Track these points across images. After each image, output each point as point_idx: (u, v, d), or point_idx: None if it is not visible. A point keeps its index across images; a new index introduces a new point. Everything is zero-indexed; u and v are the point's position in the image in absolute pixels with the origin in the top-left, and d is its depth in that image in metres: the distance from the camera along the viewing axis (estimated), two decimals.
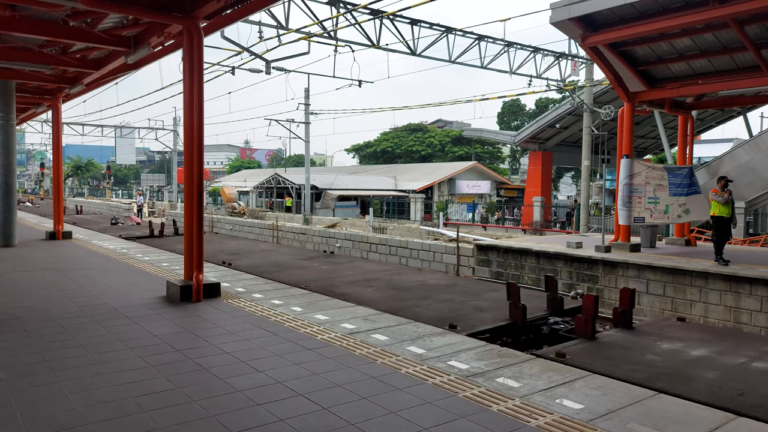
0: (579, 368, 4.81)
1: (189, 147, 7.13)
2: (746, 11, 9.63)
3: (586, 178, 25.35)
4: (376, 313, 6.61)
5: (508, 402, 3.93)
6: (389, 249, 17.38)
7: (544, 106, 53.98)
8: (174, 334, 5.56)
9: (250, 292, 7.59)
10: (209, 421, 3.57)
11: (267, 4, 7.53)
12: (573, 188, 55.93)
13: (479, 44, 19.91)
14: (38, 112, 17.78)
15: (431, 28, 18.57)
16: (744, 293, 9.63)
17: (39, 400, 3.86)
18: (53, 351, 4.93)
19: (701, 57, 12.10)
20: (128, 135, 49.14)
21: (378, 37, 17.59)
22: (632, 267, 11.13)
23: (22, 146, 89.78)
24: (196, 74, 7.05)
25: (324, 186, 39.87)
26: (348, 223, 31.23)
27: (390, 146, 60.54)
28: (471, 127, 54.54)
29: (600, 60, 12.56)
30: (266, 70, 19.90)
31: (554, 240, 15.66)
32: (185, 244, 7.24)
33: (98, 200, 53.94)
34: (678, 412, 3.82)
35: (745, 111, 24.14)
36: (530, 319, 7.76)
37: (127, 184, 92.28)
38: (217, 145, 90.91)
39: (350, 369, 4.56)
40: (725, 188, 11.02)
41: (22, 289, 7.63)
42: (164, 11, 7.06)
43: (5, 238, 12.14)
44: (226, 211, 39.21)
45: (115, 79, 12.72)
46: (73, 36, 8.52)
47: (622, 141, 13.02)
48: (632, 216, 12.46)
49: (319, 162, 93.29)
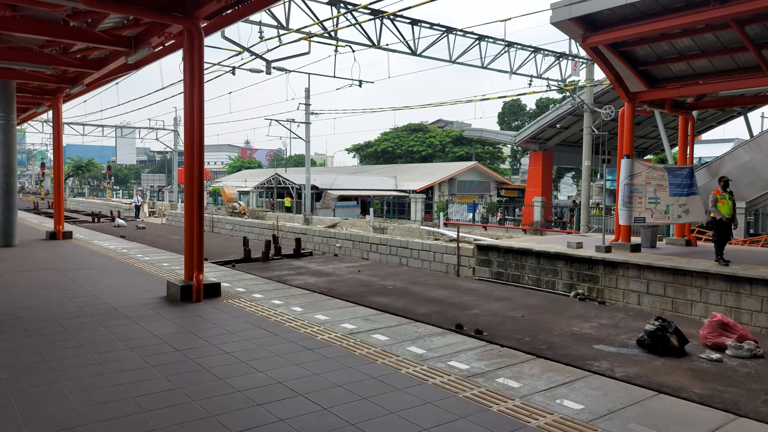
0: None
1: (189, 147, 7.12)
2: (747, 11, 9.63)
3: (587, 179, 25.34)
4: (377, 313, 6.61)
5: (508, 402, 3.92)
6: (389, 249, 17.37)
7: (545, 106, 53.98)
8: (174, 334, 5.56)
9: (250, 292, 7.59)
10: (209, 421, 3.57)
11: (267, 4, 7.53)
12: (573, 188, 55.91)
13: (480, 44, 19.91)
14: (39, 112, 17.78)
15: (432, 28, 18.56)
16: (744, 293, 9.62)
17: (39, 400, 3.86)
18: (53, 351, 4.93)
19: (702, 57, 12.09)
20: (129, 135, 49.16)
21: (378, 37, 17.59)
22: (633, 267, 11.13)
23: (22, 146, 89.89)
24: (196, 74, 7.05)
25: (324, 186, 39.87)
26: (348, 223, 31.22)
27: (390, 146, 60.53)
28: (471, 127, 54.52)
29: (600, 60, 12.56)
30: (267, 70, 19.90)
31: (555, 240, 15.65)
32: (185, 244, 7.24)
33: (99, 200, 53.98)
34: (678, 412, 3.81)
35: (746, 111, 24.11)
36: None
37: (127, 184, 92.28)
38: (217, 145, 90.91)
39: (350, 369, 4.56)
40: (726, 189, 10.99)
41: (22, 289, 7.63)
42: (165, 11, 7.05)
43: (6, 238, 12.14)
44: (226, 211, 39.21)
45: (115, 79, 12.72)
46: (74, 36, 8.52)
47: (623, 141, 13.01)
48: (633, 216, 12.45)
49: (320, 162, 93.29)
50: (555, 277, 12.43)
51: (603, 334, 8.18)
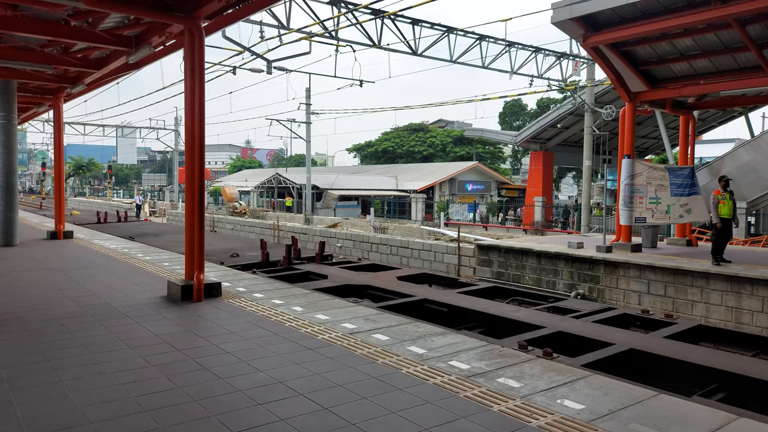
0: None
1: (190, 147, 7.13)
2: (748, 11, 9.62)
3: (588, 179, 25.34)
4: (377, 312, 6.61)
5: (509, 402, 3.92)
6: (390, 249, 17.38)
7: (546, 106, 53.96)
8: (175, 333, 5.56)
9: (251, 291, 7.59)
10: (210, 421, 3.57)
11: (268, 4, 7.54)
12: (574, 188, 55.90)
13: (480, 44, 19.90)
14: (40, 112, 17.79)
15: (432, 28, 18.56)
16: (745, 294, 9.62)
17: (40, 400, 3.86)
18: (54, 350, 4.94)
19: (703, 57, 12.09)
20: (130, 135, 49.18)
21: (379, 37, 17.60)
22: (633, 267, 11.12)
23: (23, 146, 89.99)
24: (197, 74, 7.05)
25: (325, 186, 39.87)
26: (349, 222, 31.22)
27: (391, 146, 60.53)
28: (472, 127, 54.55)
29: (601, 60, 12.55)
30: (267, 69, 19.90)
31: (555, 240, 15.65)
32: (186, 244, 7.24)
33: (99, 200, 54.01)
34: (679, 412, 3.81)
35: (747, 111, 24.09)
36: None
37: (128, 183, 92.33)
38: (218, 145, 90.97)
39: (351, 369, 4.55)
40: (726, 188, 10.98)
41: (23, 288, 7.63)
42: (166, 11, 7.05)
43: (6, 237, 12.14)
44: (227, 211, 39.25)
45: (116, 78, 12.72)
46: (75, 36, 8.52)
47: (624, 141, 13.01)
48: (634, 216, 12.44)
49: (321, 162, 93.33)
50: (556, 277, 12.43)
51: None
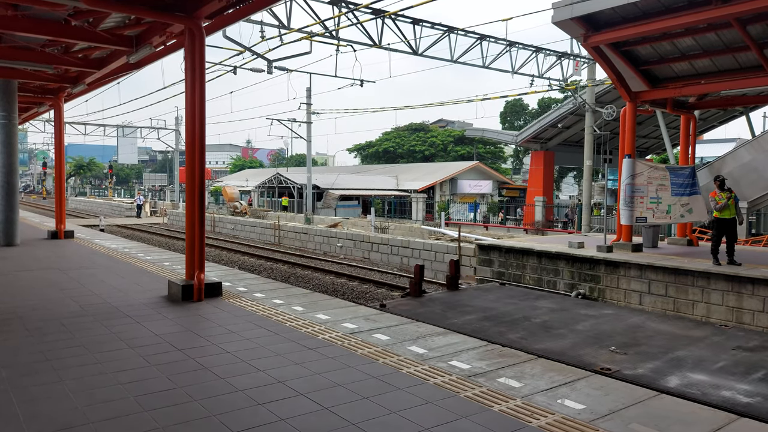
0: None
1: (191, 146, 7.12)
2: (749, 11, 9.60)
3: (588, 178, 25.32)
4: (377, 312, 6.61)
5: (509, 402, 3.92)
6: (391, 249, 17.37)
7: (547, 105, 53.93)
8: (175, 333, 5.56)
9: (251, 291, 7.59)
10: (210, 421, 3.57)
11: (269, 4, 7.54)
12: (575, 188, 55.88)
13: (481, 44, 19.89)
14: (40, 112, 17.81)
15: (433, 27, 18.56)
16: (746, 293, 9.60)
17: (40, 399, 3.86)
18: (55, 350, 4.94)
19: (704, 57, 12.07)
20: (130, 134, 49.17)
21: (380, 37, 17.59)
22: (634, 267, 11.11)
23: (24, 146, 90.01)
24: (198, 74, 7.05)
25: (326, 185, 39.87)
26: (350, 222, 31.22)
27: (392, 146, 60.53)
28: (473, 127, 54.49)
29: (602, 60, 12.53)
30: (268, 69, 19.91)
31: (556, 240, 15.63)
32: (187, 244, 7.24)
33: (100, 200, 54.03)
34: (680, 412, 3.80)
35: (748, 111, 24.05)
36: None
37: (129, 183, 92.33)
38: (218, 145, 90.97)
39: (351, 369, 4.55)
40: (723, 188, 10.95)
41: (24, 288, 7.63)
42: (166, 11, 7.05)
43: (7, 237, 12.15)
44: (227, 211, 39.25)
45: (117, 78, 12.72)
46: (75, 35, 8.52)
47: (624, 141, 12.99)
48: (634, 216, 12.43)
49: (321, 162, 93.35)
50: (556, 276, 12.42)
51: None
